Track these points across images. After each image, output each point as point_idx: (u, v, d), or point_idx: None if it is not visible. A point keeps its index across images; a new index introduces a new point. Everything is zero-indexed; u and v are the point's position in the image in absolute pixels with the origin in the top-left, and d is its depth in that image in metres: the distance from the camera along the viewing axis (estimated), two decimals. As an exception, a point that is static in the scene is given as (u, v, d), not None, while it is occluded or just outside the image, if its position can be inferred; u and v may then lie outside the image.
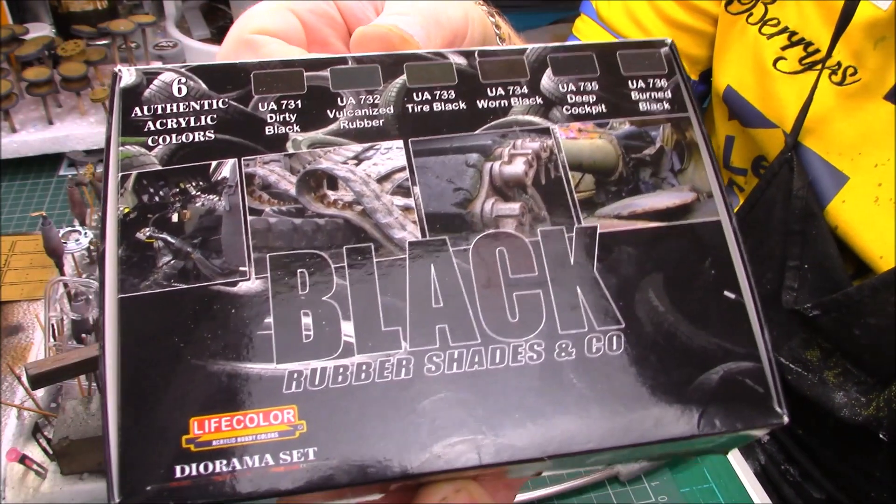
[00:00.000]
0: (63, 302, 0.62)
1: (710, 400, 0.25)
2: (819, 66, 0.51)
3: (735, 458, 0.54)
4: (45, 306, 0.61)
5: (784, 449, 0.61)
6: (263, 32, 0.31)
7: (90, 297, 0.62)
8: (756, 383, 0.25)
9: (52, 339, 0.61)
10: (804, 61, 0.53)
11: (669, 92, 0.28)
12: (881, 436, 0.49)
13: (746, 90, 0.57)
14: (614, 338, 0.25)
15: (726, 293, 0.26)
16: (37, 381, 0.49)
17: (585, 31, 0.66)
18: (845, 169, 0.50)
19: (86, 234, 0.69)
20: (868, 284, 0.47)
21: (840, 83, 0.50)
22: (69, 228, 0.70)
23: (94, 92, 0.84)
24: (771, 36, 0.55)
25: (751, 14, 0.56)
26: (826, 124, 0.51)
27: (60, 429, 0.53)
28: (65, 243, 0.67)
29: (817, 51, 0.52)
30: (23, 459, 0.52)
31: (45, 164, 0.89)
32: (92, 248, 0.69)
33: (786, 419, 0.25)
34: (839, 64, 0.50)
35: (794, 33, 0.53)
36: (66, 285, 0.63)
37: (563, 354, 0.25)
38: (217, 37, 1.15)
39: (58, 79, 0.84)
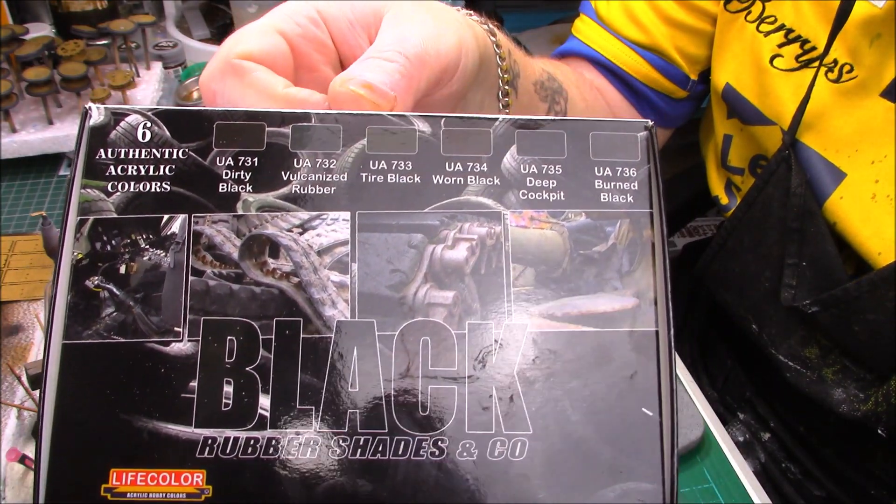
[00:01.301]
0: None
1: None
2: (816, 64, 0.51)
3: (735, 457, 0.54)
4: (45, 306, 0.61)
5: (785, 447, 0.61)
6: (250, 57, 0.30)
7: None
8: None
9: (51, 339, 0.61)
10: (801, 59, 0.53)
11: (636, 183, 0.27)
12: (880, 431, 0.49)
13: (745, 88, 0.57)
14: (519, 443, 0.25)
15: (644, 409, 0.26)
16: (37, 381, 0.49)
17: (585, 31, 0.66)
18: (843, 165, 0.50)
19: (85, 234, 0.69)
20: (866, 280, 0.47)
21: (837, 80, 0.50)
22: (69, 228, 0.70)
23: (94, 92, 0.84)
24: (768, 33, 0.55)
25: (749, 12, 0.56)
26: (824, 121, 0.51)
27: (60, 428, 0.53)
28: (64, 243, 0.67)
29: (814, 48, 0.52)
30: (23, 459, 0.52)
31: (45, 164, 0.89)
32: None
33: None
34: (836, 61, 0.50)
35: (790, 31, 0.53)
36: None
37: (464, 454, 0.25)
38: (217, 37, 1.15)
39: (58, 79, 0.84)
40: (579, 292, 0.26)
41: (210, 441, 0.25)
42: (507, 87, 0.40)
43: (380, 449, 0.25)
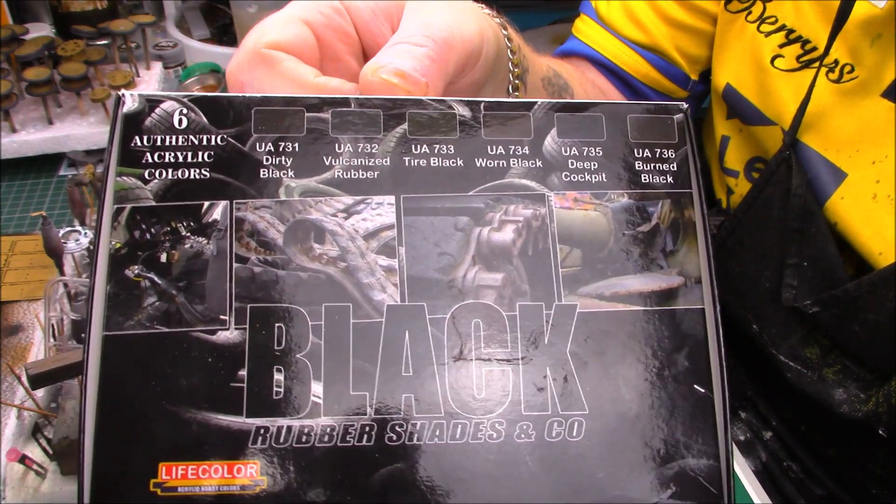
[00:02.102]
0: (63, 302, 0.62)
1: (663, 495, 0.25)
2: (816, 64, 0.51)
3: (735, 457, 0.54)
4: (45, 306, 0.61)
5: (786, 446, 0.61)
6: (278, 47, 0.30)
7: (90, 296, 0.62)
8: (710, 484, 0.25)
9: (52, 339, 0.61)
10: (801, 59, 0.53)
11: (675, 164, 0.28)
12: (880, 432, 0.49)
13: (745, 88, 0.57)
14: (576, 424, 0.25)
15: (696, 386, 0.26)
16: (37, 381, 0.49)
17: (585, 31, 0.66)
18: (843, 166, 0.50)
19: (86, 234, 0.69)
20: (867, 280, 0.47)
21: (837, 81, 0.50)
22: (69, 228, 0.70)
23: (94, 92, 0.84)
24: (769, 34, 0.55)
25: (749, 12, 0.56)
26: (824, 121, 0.51)
27: (60, 429, 0.53)
28: (65, 243, 0.67)
29: (814, 48, 0.52)
30: (23, 459, 0.52)
31: (45, 164, 0.89)
32: (91, 247, 0.69)
33: None
34: (836, 62, 0.50)
35: (791, 31, 0.53)
36: (66, 285, 0.63)
37: (522, 436, 0.25)
38: (217, 37, 1.15)
39: (58, 79, 0.84)
40: (626, 272, 0.27)
41: (262, 430, 0.24)
42: (517, 82, 0.40)
43: (437, 433, 0.24)
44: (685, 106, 0.28)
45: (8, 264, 0.73)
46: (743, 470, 0.53)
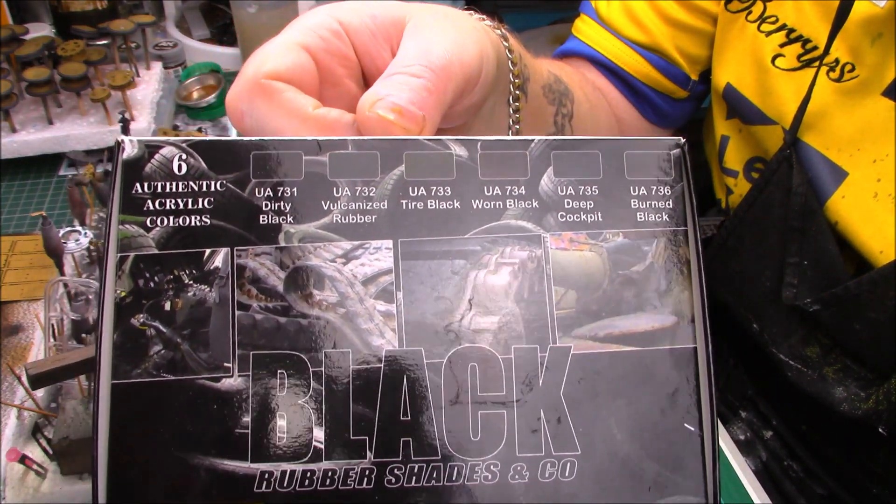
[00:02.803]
0: (63, 302, 0.62)
1: None
2: (817, 63, 0.51)
3: (735, 457, 0.54)
4: (45, 306, 0.61)
5: (786, 445, 0.61)
6: (277, 77, 0.30)
7: (90, 297, 0.62)
8: None
9: (52, 339, 0.61)
10: (802, 58, 0.53)
11: (671, 201, 0.28)
12: (881, 430, 0.49)
13: (746, 87, 0.57)
14: (568, 464, 0.26)
15: (687, 425, 0.26)
16: (37, 381, 0.49)
17: (586, 31, 0.66)
18: (844, 164, 0.50)
19: (86, 234, 0.69)
20: (867, 279, 0.47)
21: (838, 80, 0.50)
22: (69, 228, 0.70)
23: (94, 92, 0.84)
24: (769, 33, 0.55)
25: (750, 12, 0.56)
26: (825, 120, 0.51)
27: (60, 429, 0.53)
28: (65, 243, 0.67)
29: (815, 48, 0.52)
30: (23, 459, 0.52)
31: (45, 164, 0.89)
32: (92, 248, 0.69)
33: None
34: (837, 61, 0.50)
35: (792, 30, 0.53)
36: (66, 285, 0.63)
37: (516, 477, 0.25)
38: (217, 37, 1.15)
39: (58, 79, 0.84)
40: (620, 312, 0.27)
41: (267, 475, 0.25)
42: (517, 93, 0.40)
43: (434, 475, 0.25)
44: (683, 141, 0.28)
45: (8, 264, 0.73)
46: (743, 469, 0.53)
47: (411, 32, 0.32)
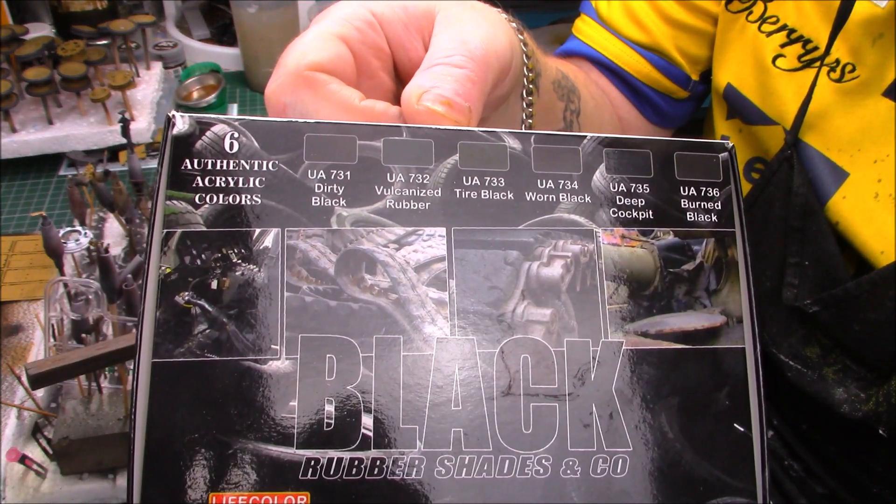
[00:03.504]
0: (63, 302, 0.62)
1: None
2: (818, 64, 0.51)
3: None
4: (45, 306, 0.61)
5: (787, 445, 0.61)
6: (320, 68, 0.30)
7: (90, 297, 0.62)
8: None
9: (52, 339, 0.61)
10: (803, 58, 0.53)
11: (720, 203, 0.28)
12: (881, 431, 0.49)
13: (746, 88, 0.57)
14: (620, 460, 0.25)
15: (736, 425, 0.26)
16: (37, 381, 0.49)
17: (586, 31, 0.66)
18: (845, 165, 0.50)
19: (86, 234, 0.69)
20: (867, 280, 0.47)
21: (839, 80, 0.50)
22: (69, 228, 0.70)
23: (94, 92, 0.84)
24: (770, 33, 0.55)
25: (750, 12, 0.56)
26: (826, 121, 0.51)
27: (60, 429, 0.53)
28: (65, 243, 0.67)
29: (816, 48, 0.52)
30: (23, 459, 0.52)
31: (45, 164, 0.89)
32: (92, 247, 0.69)
33: None
34: (837, 61, 0.50)
35: (792, 31, 0.53)
36: (66, 285, 0.63)
37: (568, 472, 0.25)
38: (217, 37, 1.15)
39: (58, 79, 0.84)
40: (670, 310, 0.27)
41: (313, 462, 0.24)
42: (531, 87, 0.40)
43: (485, 468, 0.25)
44: (730, 145, 0.28)
45: (8, 264, 0.73)
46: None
47: (443, 24, 0.32)
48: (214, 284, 0.25)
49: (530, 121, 0.41)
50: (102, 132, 0.87)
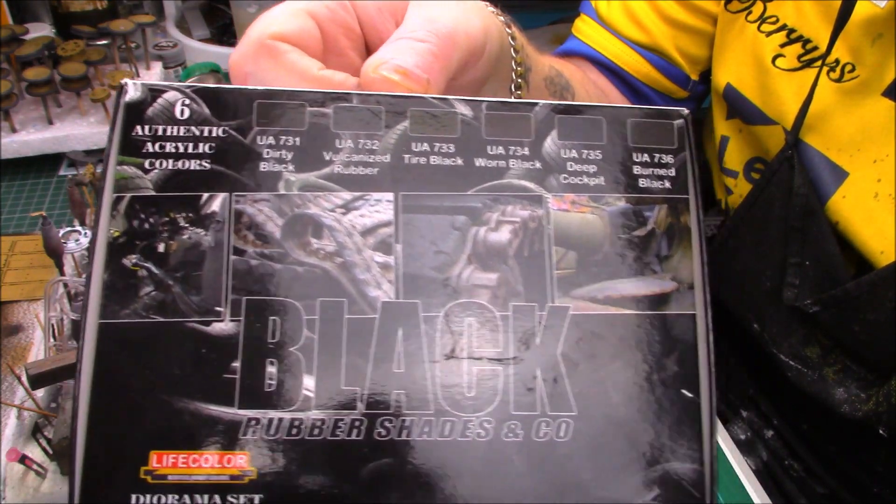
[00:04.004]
0: (63, 302, 0.62)
1: (647, 497, 0.25)
2: (818, 64, 0.51)
3: (735, 457, 0.54)
4: (45, 306, 0.61)
5: (787, 444, 0.61)
6: (283, 38, 0.30)
7: (90, 296, 0.62)
8: (694, 488, 0.26)
9: (52, 339, 0.61)
10: (803, 58, 0.53)
11: (674, 170, 0.28)
12: (881, 431, 0.49)
13: (746, 88, 0.57)
14: (563, 424, 0.25)
15: (684, 391, 0.26)
16: (37, 381, 0.49)
17: (586, 31, 0.66)
18: (845, 165, 0.50)
19: (86, 234, 0.69)
20: (867, 280, 0.47)
21: (839, 80, 0.50)
22: (69, 228, 0.70)
23: (94, 92, 0.84)
24: (770, 33, 0.55)
25: (750, 12, 0.57)
26: (826, 121, 0.51)
27: (60, 429, 0.53)
28: (65, 243, 0.67)
29: (816, 48, 0.52)
30: (23, 459, 0.52)
31: (45, 164, 0.89)
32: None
33: None
34: (837, 61, 0.50)
35: (792, 31, 0.53)
36: (66, 285, 0.63)
37: (510, 435, 0.25)
38: (217, 37, 1.15)
39: (58, 79, 0.84)
40: (620, 275, 0.27)
41: (254, 422, 0.24)
42: (519, 81, 0.40)
43: (426, 430, 0.25)
44: (686, 111, 0.28)
45: (8, 264, 0.73)
46: (742, 469, 0.53)
47: (415, 5, 0.32)
48: (161, 248, 0.25)
49: None
50: (102, 132, 0.87)
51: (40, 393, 0.58)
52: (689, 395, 0.26)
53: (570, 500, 0.25)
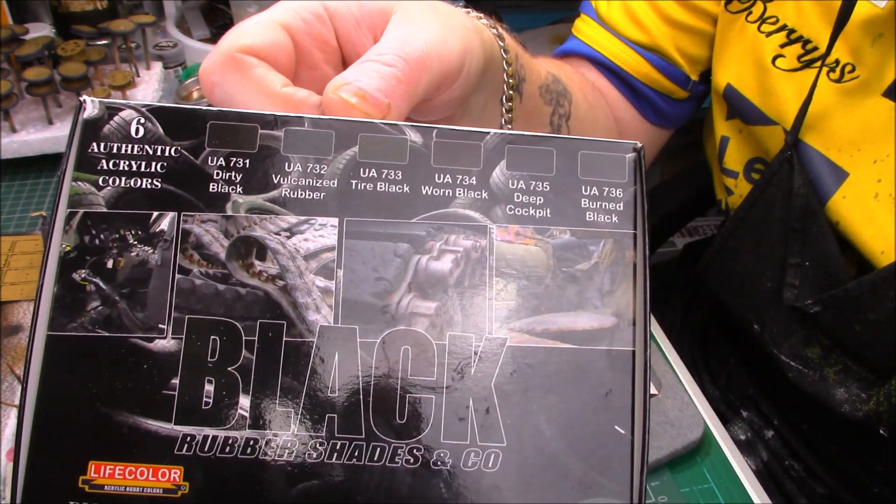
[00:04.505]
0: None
1: None
2: (818, 64, 0.51)
3: (735, 457, 0.54)
4: (45, 306, 0.61)
5: (788, 445, 0.61)
6: (251, 52, 0.30)
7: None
8: None
9: (52, 339, 0.61)
10: (803, 59, 0.53)
11: (622, 204, 0.28)
12: (881, 431, 0.49)
13: (746, 88, 0.57)
14: (492, 455, 0.26)
15: (617, 427, 0.26)
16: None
17: (586, 31, 0.66)
18: (845, 165, 0.50)
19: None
20: (867, 280, 0.47)
21: (839, 80, 0.50)
22: (69, 228, 0.70)
23: (94, 92, 0.84)
24: (770, 34, 0.55)
25: (750, 12, 0.56)
26: (826, 121, 0.51)
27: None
28: (65, 243, 0.67)
29: (815, 48, 0.52)
30: (23, 459, 0.52)
31: (45, 164, 0.89)
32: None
33: None
34: (837, 61, 0.50)
35: (792, 31, 0.53)
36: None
37: (438, 463, 0.25)
38: (217, 37, 1.15)
39: (58, 79, 0.84)
40: (560, 309, 0.27)
41: (189, 438, 0.25)
42: (511, 92, 0.40)
43: (356, 454, 0.25)
44: (640, 145, 0.28)
45: (8, 264, 0.73)
46: (742, 469, 0.53)
47: (394, 24, 0.32)
48: (110, 264, 0.26)
49: (510, 126, 0.41)
50: (102, 132, 0.86)
51: (40, 393, 0.58)
52: (622, 431, 0.26)
53: None
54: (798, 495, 0.60)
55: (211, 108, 0.27)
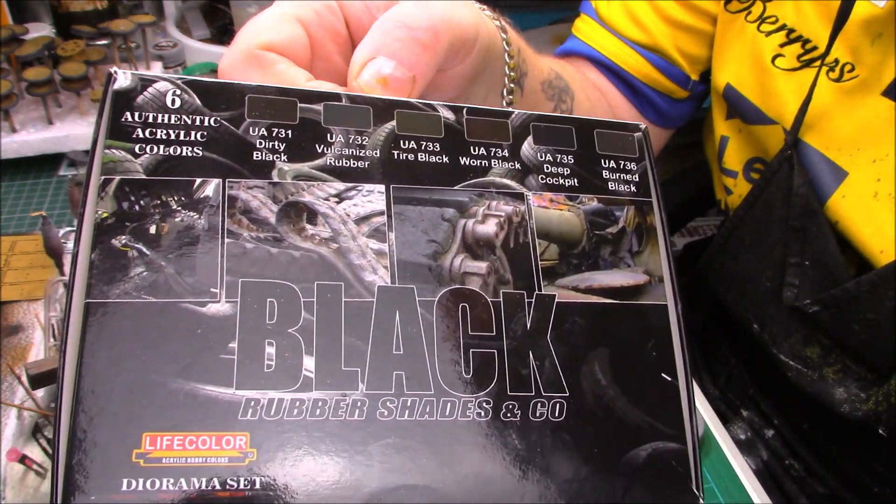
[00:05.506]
0: (63, 302, 0.62)
1: (636, 474, 0.26)
2: (817, 63, 0.51)
3: (735, 457, 0.54)
4: (45, 306, 0.61)
5: (788, 444, 0.61)
6: (271, 48, 0.30)
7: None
8: (679, 465, 0.27)
9: (52, 339, 0.61)
10: (802, 58, 0.53)
11: (637, 176, 0.30)
12: (881, 431, 0.49)
13: (746, 88, 0.57)
14: (557, 405, 0.26)
15: (663, 375, 0.28)
16: (37, 381, 0.49)
17: (586, 31, 0.66)
18: (845, 164, 0.50)
19: (86, 233, 0.69)
20: (866, 280, 0.47)
21: (838, 80, 0.50)
22: (69, 228, 0.70)
23: (94, 92, 0.84)
24: (769, 33, 0.55)
25: (749, 12, 0.57)
26: (825, 120, 0.51)
27: (60, 428, 0.53)
28: (65, 243, 0.67)
29: (815, 48, 0.52)
30: (23, 459, 0.52)
31: (45, 164, 0.89)
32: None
33: (701, 502, 0.27)
34: (837, 61, 0.50)
35: (792, 31, 0.53)
36: (66, 285, 0.63)
37: (508, 415, 0.26)
38: (217, 37, 1.15)
39: (58, 79, 0.84)
40: (598, 268, 0.29)
41: (253, 403, 0.24)
42: (512, 86, 0.40)
43: (427, 410, 0.25)
44: (643, 126, 0.31)
45: (8, 264, 0.73)
46: (742, 469, 0.53)
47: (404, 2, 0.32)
48: (153, 229, 0.25)
49: None
50: (102, 132, 0.86)
51: (40, 393, 0.58)
52: (668, 378, 0.28)
53: (567, 477, 0.26)
54: (798, 495, 0.60)
55: (249, 83, 0.27)
